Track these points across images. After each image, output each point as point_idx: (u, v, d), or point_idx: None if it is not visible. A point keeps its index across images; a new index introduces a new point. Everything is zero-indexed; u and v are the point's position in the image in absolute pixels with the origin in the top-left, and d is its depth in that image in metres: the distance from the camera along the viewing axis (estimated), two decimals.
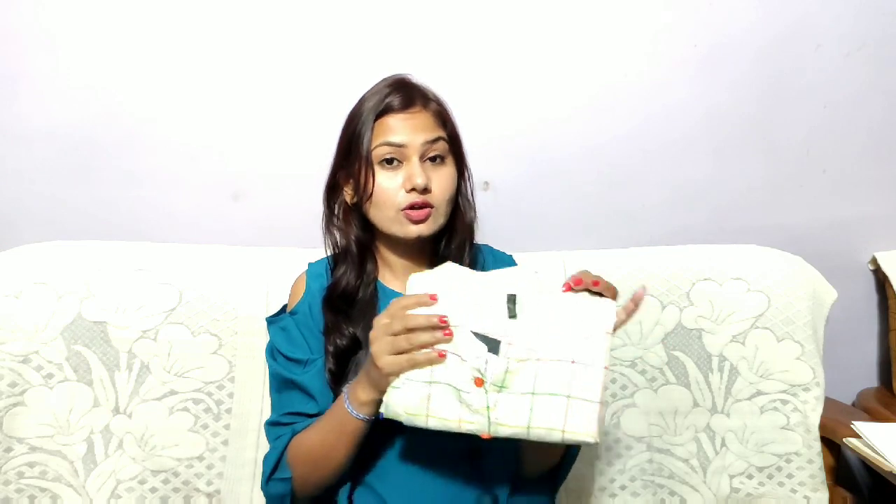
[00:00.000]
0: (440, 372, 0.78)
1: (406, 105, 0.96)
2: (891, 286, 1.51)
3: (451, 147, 0.99)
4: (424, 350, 0.79)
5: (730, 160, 1.50)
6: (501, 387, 0.77)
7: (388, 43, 1.38)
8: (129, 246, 1.28)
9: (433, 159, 0.96)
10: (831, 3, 1.44)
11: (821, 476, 1.29)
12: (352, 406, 0.86)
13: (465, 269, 0.87)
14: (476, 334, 0.78)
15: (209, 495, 1.22)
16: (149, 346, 1.21)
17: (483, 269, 1.05)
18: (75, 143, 1.37)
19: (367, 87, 1.02)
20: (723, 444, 1.30)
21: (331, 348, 0.96)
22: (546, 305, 0.79)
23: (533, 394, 0.77)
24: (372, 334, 0.81)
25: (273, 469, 0.94)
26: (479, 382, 0.77)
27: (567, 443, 0.79)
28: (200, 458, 1.22)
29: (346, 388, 0.88)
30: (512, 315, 0.78)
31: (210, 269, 1.26)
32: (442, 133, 0.97)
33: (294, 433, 0.94)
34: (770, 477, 1.29)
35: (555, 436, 0.77)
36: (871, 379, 1.61)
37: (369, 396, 0.84)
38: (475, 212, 1.05)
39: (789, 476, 1.29)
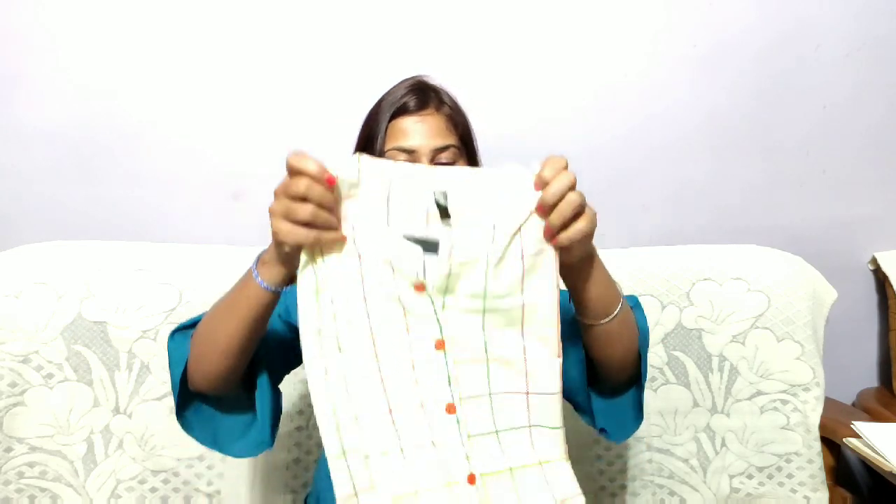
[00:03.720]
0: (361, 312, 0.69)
1: (419, 107, 0.95)
2: (891, 286, 1.51)
3: (463, 153, 0.98)
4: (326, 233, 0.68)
5: (730, 160, 1.50)
6: (446, 291, 0.70)
7: (387, 44, 1.38)
8: (129, 246, 1.28)
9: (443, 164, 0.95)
10: (831, 3, 1.44)
11: (821, 476, 1.29)
12: (258, 272, 0.77)
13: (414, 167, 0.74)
14: (408, 236, 0.69)
15: (209, 495, 1.22)
16: (149, 346, 1.21)
17: None
18: (75, 143, 1.37)
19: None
20: (723, 444, 1.30)
21: None
22: (476, 196, 0.71)
23: (484, 297, 0.70)
24: (275, 192, 0.70)
25: (182, 328, 0.88)
26: (420, 287, 0.70)
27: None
28: (200, 458, 1.22)
29: (257, 256, 0.79)
30: (445, 215, 0.68)
31: (210, 269, 1.26)
32: (453, 140, 0.96)
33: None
34: (770, 477, 1.29)
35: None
36: (871, 379, 1.61)
37: (275, 269, 0.75)
38: None
39: (789, 476, 1.29)
